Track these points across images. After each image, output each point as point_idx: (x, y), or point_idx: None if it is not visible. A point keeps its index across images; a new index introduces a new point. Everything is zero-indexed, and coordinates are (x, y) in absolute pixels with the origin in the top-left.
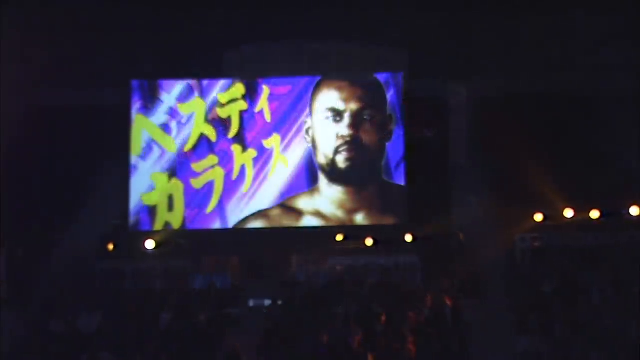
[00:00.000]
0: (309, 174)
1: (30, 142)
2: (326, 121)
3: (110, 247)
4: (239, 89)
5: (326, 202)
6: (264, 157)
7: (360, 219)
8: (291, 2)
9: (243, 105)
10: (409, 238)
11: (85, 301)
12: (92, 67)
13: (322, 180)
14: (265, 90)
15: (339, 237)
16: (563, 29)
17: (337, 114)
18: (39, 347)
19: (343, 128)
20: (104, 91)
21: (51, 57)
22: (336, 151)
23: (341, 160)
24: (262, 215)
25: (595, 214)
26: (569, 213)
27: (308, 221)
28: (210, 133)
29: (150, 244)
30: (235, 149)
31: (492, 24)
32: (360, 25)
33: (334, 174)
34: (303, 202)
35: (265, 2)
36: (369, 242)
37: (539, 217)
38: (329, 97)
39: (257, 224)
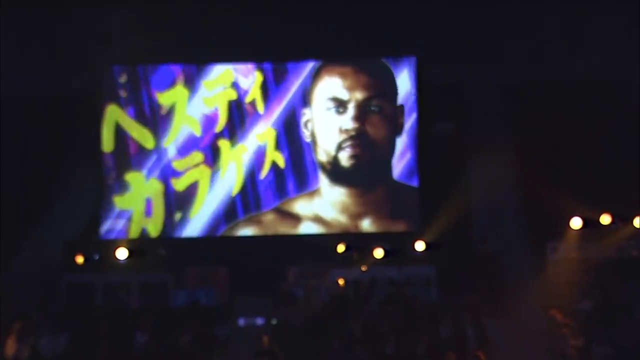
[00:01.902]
0: (307, 174)
1: None
2: (327, 113)
3: (80, 259)
4: (227, 75)
5: (327, 205)
6: (256, 153)
7: (366, 225)
8: None
9: (232, 94)
10: (421, 246)
11: (49, 320)
12: (57, 51)
13: (323, 180)
14: (258, 77)
15: (341, 248)
16: (597, 8)
17: (340, 105)
18: None
19: (347, 120)
20: (71, 78)
21: (8, 40)
22: (339, 147)
23: (345, 158)
24: (254, 220)
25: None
26: (606, 219)
27: (307, 227)
28: (195, 126)
29: (122, 254)
30: (223, 144)
31: (518, 1)
32: (366, 3)
33: (337, 174)
34: (301, 206)
35: None
36: (379, 253)
37: (576, 223)
38: (331, 85)
39: (248, 230)
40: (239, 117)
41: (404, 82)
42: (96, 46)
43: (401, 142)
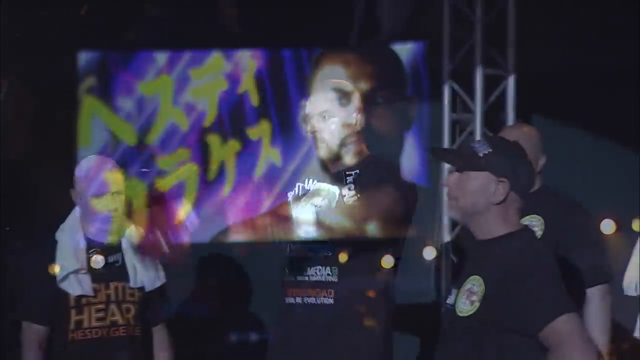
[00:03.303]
0: (307, 173)
1: None
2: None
3: (56, 269)
4: (217, 63)
5: (329, 208)
6: (249, 150)
7: (372, 229)
8: None
9: (223, 84)
10: (430, 253)
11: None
12: (28, 36)
13: (324, 180)
14: (252, 66)
15: (343, 258)
16: None
17: (343, 96)
18: None
19: (350, 114)
20: (42, 66)
21: None
22: (342, 144)
23: (348, 155)
24: (247, 225)
25: None
26: (637, 225)
27: (306, 232)
28: (181, 120)
29: (99, 262)
30: (213, 140)
31: None
32: None
33: (339, 173)
34: (299, 208)
35: None
36: (388, 262)
37: (608, 227)
38: (333, 75)
39: (240, 236)
40: (230, 109)
41: (415, 70)
42: (71, 31)
43: (411, 138)
